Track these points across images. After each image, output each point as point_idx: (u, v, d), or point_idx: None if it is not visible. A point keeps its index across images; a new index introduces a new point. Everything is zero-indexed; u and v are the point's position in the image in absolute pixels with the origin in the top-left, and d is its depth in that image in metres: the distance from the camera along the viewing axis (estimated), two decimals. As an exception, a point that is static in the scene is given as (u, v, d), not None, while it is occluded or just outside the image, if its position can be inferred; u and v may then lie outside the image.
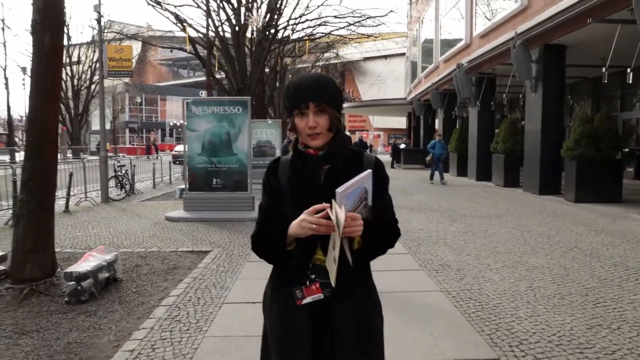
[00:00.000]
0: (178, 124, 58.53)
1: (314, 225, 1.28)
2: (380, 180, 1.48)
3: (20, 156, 31.53)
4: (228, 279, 4.69)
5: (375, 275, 1.56)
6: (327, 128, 1.42)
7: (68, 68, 34.21)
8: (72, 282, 4.14)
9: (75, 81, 34.98)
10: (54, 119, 4.45)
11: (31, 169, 4.33)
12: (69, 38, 34.14)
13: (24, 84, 31.40)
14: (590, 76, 16.17)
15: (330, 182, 1.41)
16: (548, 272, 4.82)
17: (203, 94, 58.07)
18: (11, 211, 8.12)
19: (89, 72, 36.33)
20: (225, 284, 4.54)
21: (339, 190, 1.22)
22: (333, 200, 1.23)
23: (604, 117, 10.39)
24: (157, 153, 36.32)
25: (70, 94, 35.10)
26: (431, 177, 15.58)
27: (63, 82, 34.34)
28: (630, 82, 9.09)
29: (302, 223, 1.31)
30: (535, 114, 12.12)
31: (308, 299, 1.40)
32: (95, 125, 52.53)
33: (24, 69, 30.57)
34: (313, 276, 1.40)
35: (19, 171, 8.55)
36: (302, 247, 1.39)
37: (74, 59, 34.50)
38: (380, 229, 1.42)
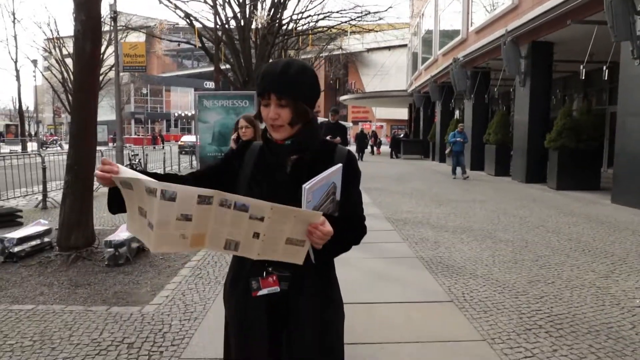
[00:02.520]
0: (183, 114, 59.32)
1: (100, 165, 1.25)
2: (351, 175, 1.43)
3: (31, 146, 32.50)
4: (239, 249, 5.54)
5: (362, 246, 1.49)
6: (288, 121, 1.36)
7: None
8: (111, 249, 5.00)
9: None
10: (93, 113, 5.28)
11: (75, 155, 5.17)
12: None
13: (34, 76, 32.21)
14: (579, 71, 16.82)
15: (297, 173, 1.39)
16: (511, 244, 5.66)
17: (208, 84, 58.89)
18: (40, 196, 8.98)
19: (96, 64, 37.04)
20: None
21: (305, 186, 1.18)
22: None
23: (584, 111, 11.16)
24: (162, 143, 37.23)
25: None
26: (453, 170, 14.22)
27: (70, 74, 35.26)
28: (606, 78, 9.82)
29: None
30: (524, 107, 12.89)
31: (264, 291, 1.37)
32: (99, 117, 53.42)
33: (34, 62, 31.39)
34: (270, 268, 1.37)
35: (29, 160, 9.37)
36: None
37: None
38: (346, 226, 1.36)
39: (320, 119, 16.67)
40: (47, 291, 4.15)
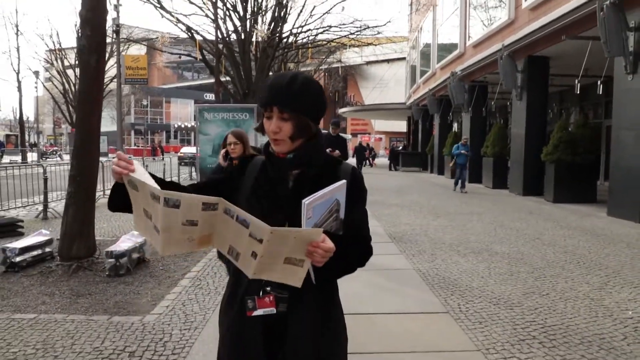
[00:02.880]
0: (183, 126, 59.55)
1: (115, 159, 1.22)
2: (356, 193, 1.38)
3: (31, 157, 32.58)
4: (238, 260, 5.61)
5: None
6: (289, 135, 1.34)
7: (76, 71, 35.35)
8: (112, 259, 5.06)
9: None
10: (97, 125, 5.38)
11: (78, 166, 5.25)
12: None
13: (36, 87, 32.45)
14: (575, 85, 17.05)
15: (299, 188, 1.36)
16: (507, 256, 5.73)
17: (208, 96, 59.21)
18: (40, 206, 9.05)
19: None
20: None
21: (305, 201, 1.16)
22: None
23: (580, 124, 11.30)
24: (162, 155, 37.35)
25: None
26: (455, 183, 13.85)
27: (71, 85, 35.54)
28: (601, 92, 9.96)
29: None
30: (520, 120, 13.04)
31: (259, 312, 1.33)
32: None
33: (36, 73, 31.61)
34: (269, 288, 1.33)
35: (30, 170, 9.47)
36: None
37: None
38: (350, 245, 1.32)
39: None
40: (48, 300, 4.21)
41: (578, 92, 10.58)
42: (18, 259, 5.14)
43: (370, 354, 3.07)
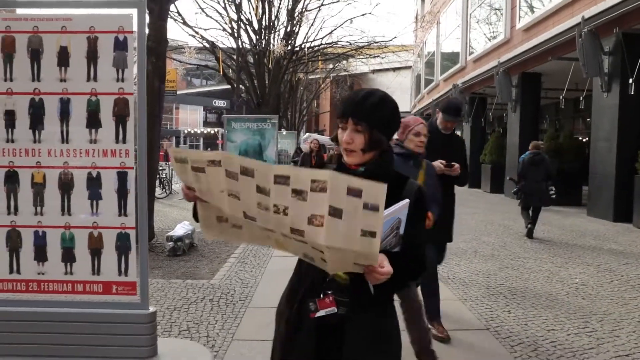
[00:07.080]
0: (192, 132, 61.08)
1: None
2: (418, 212, 1.40)
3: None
4: (270, 245, 6.83)
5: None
6: (361, 148, 1.38)
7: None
8: (171, 242, 6.31)
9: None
10: (157, 137, 6.66)
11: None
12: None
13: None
14: (569, 98, 18.27)
15: None
16: (492, 244, 6.94)
17: (217, 102, 60.73)
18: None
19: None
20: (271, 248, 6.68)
21: None
22: None
23: (567, 136, 12.50)
24: (175, 159, 38.53)
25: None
26: None
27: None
28: (582, 107, 11.17)
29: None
30: (515, 130, 14.25)
31: (321, 312, 1.36)
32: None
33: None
34: (330, 291, 1.37)
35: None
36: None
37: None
38: (407, 262, 1.35)
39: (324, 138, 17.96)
40: (131, 270, 5.45)
41: (563, 107, 11.75)
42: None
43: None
